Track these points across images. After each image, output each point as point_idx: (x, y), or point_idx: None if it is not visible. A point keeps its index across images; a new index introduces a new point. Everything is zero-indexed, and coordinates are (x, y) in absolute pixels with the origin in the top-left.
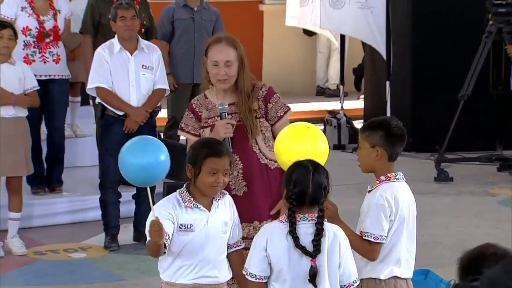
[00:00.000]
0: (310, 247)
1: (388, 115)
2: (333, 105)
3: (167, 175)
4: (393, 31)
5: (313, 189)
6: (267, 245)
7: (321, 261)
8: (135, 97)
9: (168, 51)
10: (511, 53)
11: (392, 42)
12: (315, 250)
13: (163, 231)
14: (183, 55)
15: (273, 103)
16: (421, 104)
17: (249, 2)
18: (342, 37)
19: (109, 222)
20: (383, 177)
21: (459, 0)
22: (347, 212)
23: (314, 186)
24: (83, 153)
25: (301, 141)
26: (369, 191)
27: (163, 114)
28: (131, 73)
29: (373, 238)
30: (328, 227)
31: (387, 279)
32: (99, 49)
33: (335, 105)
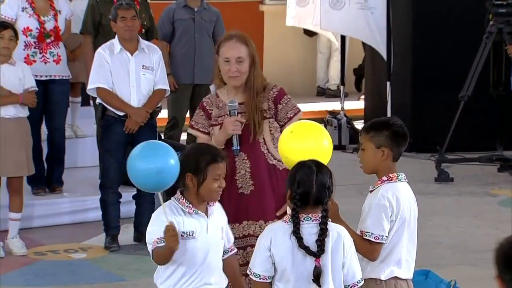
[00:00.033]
0: (314, 247)
1: (388, 115)
2: (333, 105)
3: None
4: (393, 31)
5: (316, 189)
6: (271, 245)
7: (325, 261)
8: (136, 98)
9: (168, 52)
10: (511, 53)
11: (392, 42)
12: (319, 250)
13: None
14: (184, 56)
15: (283, 104)
16: (421, 104)
17: (249, 2)
18: (342, 37)
19: (110, 222)
20: (385, 178)
21: (459, 0)
22: (348, 212)
23: (317, 186)
24: (83, 153)
25: (305, 139)
26: (371, 191)
27: (164, 114)
28: (131, 73)
29: (374, 238)
30: (332, 227)
31: (388, 279)
32: (100, 49)
33: (335, 105)
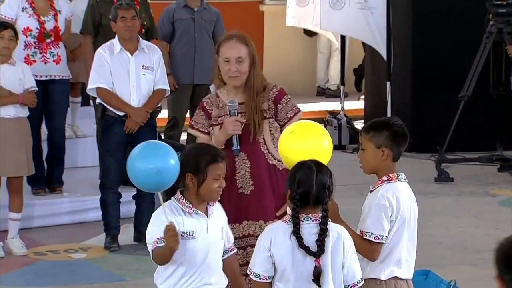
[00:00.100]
0: (314, 247)
1: (388, 115)
2: (333, 105)
3: None
4: (393, 31)
5: (316, 189)
6: (271, 245)
7: (325, 261)
8: (136, 98)
9: (168, 52)
10: (511, 53)
11: (392, 42)
12: (319, 250)
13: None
14: (184, 56)
15: (283, 104)
16: (421, 104)
17: (249, 2)
18: (342, 37)
19: (110, 222)
20: (385, 178)
21: (459, 0)
22: (348, 212)
23: (317, 186)
24: (83, 153)
25: (305, 139)
26: (371, 191)
27: (164, 114)
28: (131, 73)
29: (374, 238)
30: (332, 227)
31: (388, 279)
32: (100, 49)
33: (335, 105)
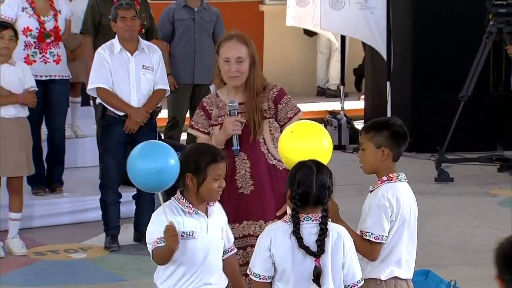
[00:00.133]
0: (314, 247)
1: (388, 115)
2: (333, 105)
3: None
4: (393, 31)
5: (317, 189)
6: (271, 245)
7: (325, 261)
8: (136, 98)
9: (168, 52)
10: (511, 53)
11: (392, 42)
12: (319, 250)
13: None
14: (184, 56)
15: (283, 104)
16: (421, 104)
17: (249, 2)
18: (342, 37)
19: (110, 222)
20: (385, 178)
21: (459, 0)
22: (347, 212)
23: (317, 186)
24: (83, 153)
25: (305, 139)
26: (371, 191)
27: (164, 114)
28: (131, 73)
29: (374, 238)
30: (332, 227)
31: (388, 279)
32: (100, 49)
33: (335, 105)
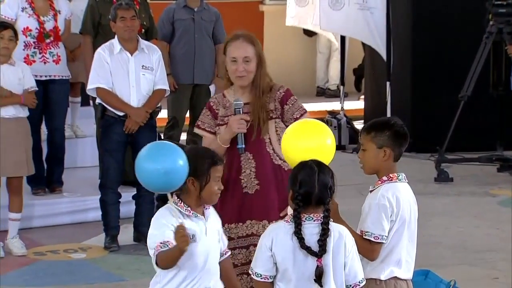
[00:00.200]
0: (315, 247)
1: (388, 115)
2: (333, 105)
3: None
4: (393, 31)
5: (319, 189)
6: (272, 245)
7: (327, 260)
8: (135, 98)
9: (168, 52)
10: (511, 53)
11: (392, 42)
12: (321, 250)
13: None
14: (183, 56)
15: (290, 105)
16: (421, 104)
17: (249, 2)
18: (342, 37)
19: (109, 222)
20: (385, 178)
21: (459, 0)
22: (348, 212)
23: (319, 186)
24: (83, 153)
25: (307, 137)
26: (371, 191)
27: (163, 114)
28: (131, 73)
29: (374, 237)
30: (333, 227)
31: (388, 279)
32: (99, 49)
33: (335, 105)
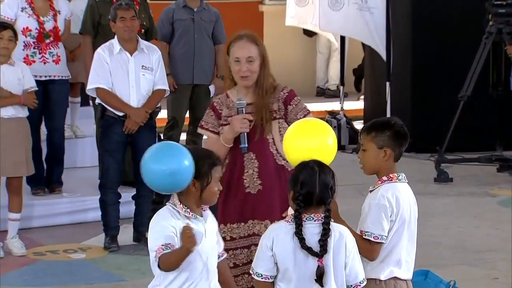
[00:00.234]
0: (316, 247)
1: (388, 115)
2: (333, 105)
3: None
4: (393, 31)
5: (320, 189)
6: (273, 245)
7: (327, 261)
8: (135, 98)
9: (168, 52)
10: (511, 53)
11: (392, 42)
12: (321, 250)
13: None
14: (183, 56)
15: (293, 105)
16: (421, 104)
17: (249, 2)
18: (342, 37)
19: (109, 222)
20: (385, 178)
21: (459, 0)
22: (347, 212)
23: (320, 186)
24: (83, 153)
25: (309, 137)
26: (371, 191)
27: (163, 114)
28: (131, 73)
29: (373, 237)
30: (334, 227)
31: (387, 279)
32: (99, 49)
33: (335, 105)
